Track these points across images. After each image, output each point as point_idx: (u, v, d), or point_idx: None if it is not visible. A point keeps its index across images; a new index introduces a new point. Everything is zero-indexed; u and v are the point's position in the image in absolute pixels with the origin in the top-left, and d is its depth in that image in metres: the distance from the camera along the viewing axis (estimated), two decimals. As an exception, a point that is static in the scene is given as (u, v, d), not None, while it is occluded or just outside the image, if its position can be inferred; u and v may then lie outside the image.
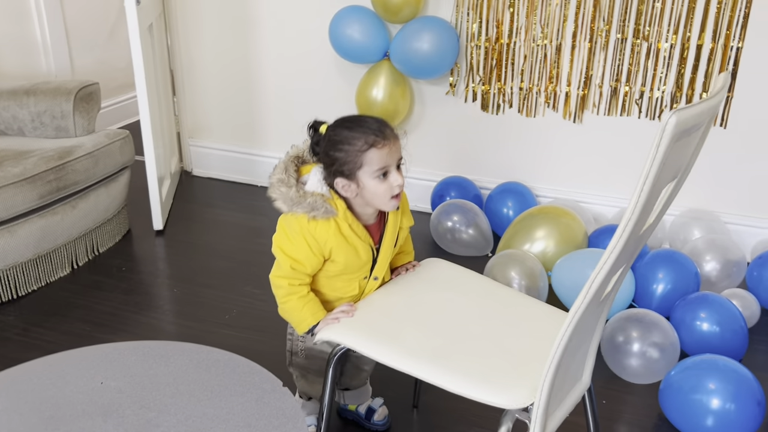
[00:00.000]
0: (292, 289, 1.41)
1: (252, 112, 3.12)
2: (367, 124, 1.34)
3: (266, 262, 2.56)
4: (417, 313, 1.42)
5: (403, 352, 1.28)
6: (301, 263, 1.39)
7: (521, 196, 2.68)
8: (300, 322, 1.43)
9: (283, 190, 1.36)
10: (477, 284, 1.53)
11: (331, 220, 1.36)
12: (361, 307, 1.43)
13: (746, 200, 2.57)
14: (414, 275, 1.57)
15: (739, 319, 1.98)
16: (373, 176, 1.33)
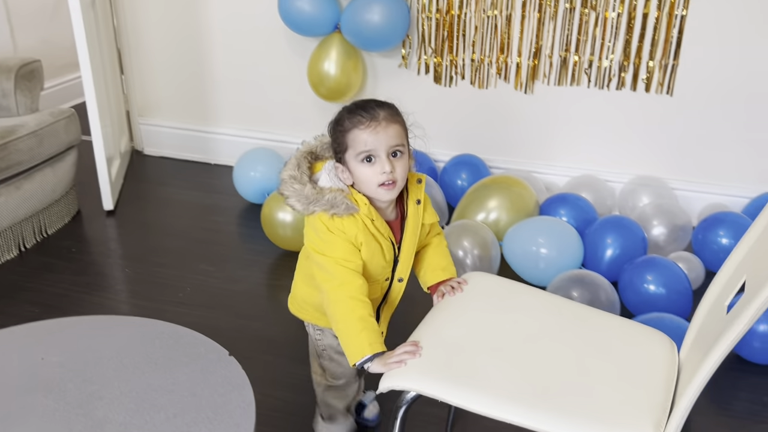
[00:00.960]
0: (351, 305, 1.23)
1: (203, 88, 3.07)
2: (361, 103, 1.26)
3: (220, 240, 2.57)
4: (489, 343, 1.24)
5: (496, 397, 1.12)
6: (346, 258, 1.26)
7: (475, 168, 2.69)
8: (355, 349, 1.22)
9: (296, 187, 1.26)
10: (535, 299, 1.39)
11: (354, 216, 1.26)
12: (423, 343, 1.23)
13: (692, 166, 2.62)
14: (464, 296, 1.38)
15: (684, 280, 2.03)
16: (356, 159, 1.24)
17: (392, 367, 1.18)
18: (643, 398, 1.12)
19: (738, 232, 2.22)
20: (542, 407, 1.09)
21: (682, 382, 1.16)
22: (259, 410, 1.72)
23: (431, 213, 1.39)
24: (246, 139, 3.04)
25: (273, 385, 1.84)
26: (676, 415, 1.07)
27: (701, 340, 1.21)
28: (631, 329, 1.32)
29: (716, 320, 1.17)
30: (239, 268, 2.38)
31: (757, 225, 1.19)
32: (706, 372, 1.03)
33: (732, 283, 1.20)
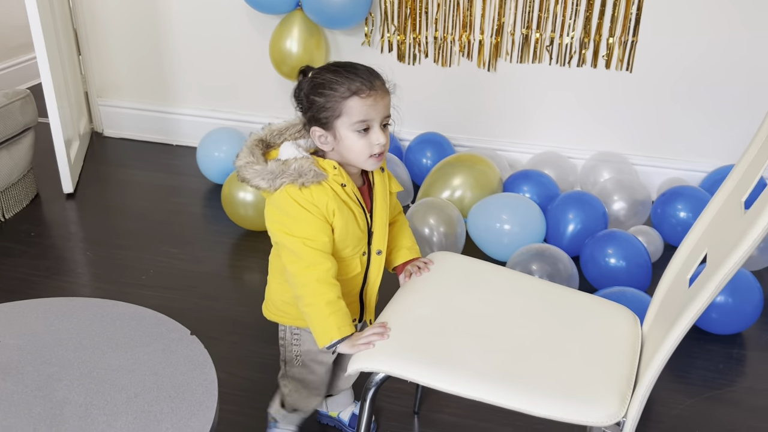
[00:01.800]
0: (319, 288, 1.21)
1: (163, 68, 3.02)
2: (354, 70, 1.21)
3: (183, 221, 2.54)
4: (457, 323, 1.24)
5: (467, 376, 1.12)
6: (313, 238, 1.21)
7: (439, 146, 2.70)
8: (322, 332, 1.22)
9: (257, 168, 1.22)
10: (501, 278, 1.39)
11: (323, 184, 1.21)
12: (391, 324, 1.22)
13: (652, 142, 2.67)
14: (431, 276, 1.38)
15: (644, 253, 2.07)
16: (351, 128, 1.20)
17: (360, 349, 1.18)
18: (608, 373, 1.14)
19: (696, 205, 2.27)
20: (510, 384, 1.11)
21: (646, 355, 1.18)
22: (226, 390, 1.74)
23: (396, 183, 1.38)
24: (208, 119, 3.00)
25: (239, 364, 1.84)
26: (641, 388, 1.09)
27: (664, 314, 1.23)
28: (595, 305, 1.34)
29: (678, 294, 1.19)
30: (203, 249, 2.36)
31: (717, 199, 1.21)
32: (669, 346, 1.05)
33: (693, 257, 1.21)
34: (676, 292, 1.21)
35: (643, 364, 1.17)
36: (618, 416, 1.07)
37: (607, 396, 1.09)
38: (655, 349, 1.09)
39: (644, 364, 1.15)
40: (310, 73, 1.25)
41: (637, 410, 1.09)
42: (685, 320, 1.03)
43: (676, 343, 1.05)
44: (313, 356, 1.42)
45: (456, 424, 1.66)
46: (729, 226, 1.11)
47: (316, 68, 1.25)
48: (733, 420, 1.71)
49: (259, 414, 1.68)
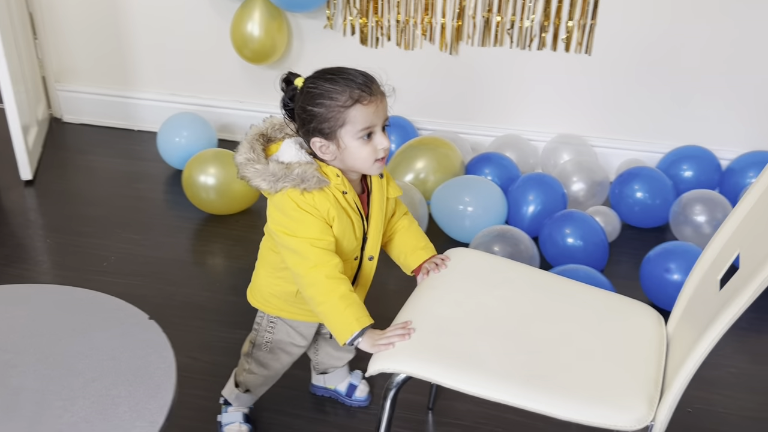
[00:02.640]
0: (330, 285, 1.19)
1: (122, 52, 2.97)
2: (351, 76, 1.19)
3: (144, 207, 2.52)
4: (478, 323, 1.21)
5: (491, 378, 1.10)
6: (319, 237, 1.20)
7: (403, 130, 2.71)
8: (342, 328, 1.19)
9: (258, 167, 1.20)
10: (523, 275, 1.37)
11: (324, 189, 1.21)
12: (411, 323, 1.20)
13: (611, 124, 2.71)
14: (448, 273, 1.35)
15: (600, 233, 2.12)
16: (356, 137, 1.18)
17: (381, 349, 1.17)
18: (635, 375, 1.12)
19: (652, 185, 2.33)
20: (535, 387, 1.08)
21: (674, 357, 1.16)
22: (190, 374, 1.75)
23: (395, 187, 1.35)
24: (169, 103, 2.97)
25: (203, 349, 1.84)
26: (671, 393, 1.07)
27: (692, 315, 1.21)
28: (618, 303, 1.32)
29: (708, 295, 1.16)
30: (165, 234, 2.35)
31: (748, 197, 1.17)
32: (702, 351, 1.02)
33: (724, 257, 1.18)
34: (706, 294, 1.19)
35: (671, 366, 1.15)
36: (646, 420, 1.06)
37: (634, 399, 1.07)
38: (685, 353, 1.07)
39: (673, 367, 1.13)
40: (301, 82, 1.22)
41: (666, 415, 1.07)
42: (718, 326, 1.00)
43: (709, 348, 1.02)
44: (283, 346, 1.44)
45: (471, 412, 1.69)
46: (763, 228, 1.07)
47: (308, 77, 1.22)
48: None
49: (222, 397, 1.69)
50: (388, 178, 1.34)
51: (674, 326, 1.27)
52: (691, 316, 1.21)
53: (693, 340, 1.06)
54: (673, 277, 1.92)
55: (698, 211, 2.21)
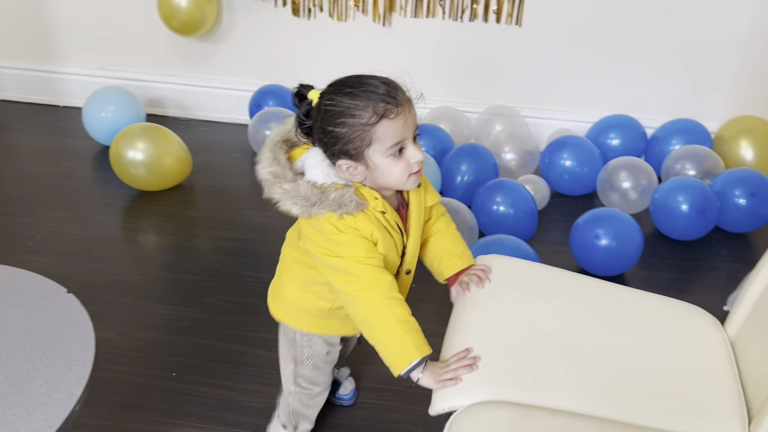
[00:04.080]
0: (388, 306, 1.08)
1: (45, 25, 2.85)
2: (372, 87, 1.05)
3: (72, 185, 2.45)
4: (541, 342, 1.13)
5: (573, 403, 1.03)
6: (368, 256, 1.09)
7: (337, 102, 2.70)
8: (399, 354, 1.08)
9: (286, 187, 1.07)
10: (565, 282, 1.30)
11: (365, 211, 1.09)
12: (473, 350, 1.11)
13: (541, 94, 2.76)
14: (489, 286, 1.25)
15: (530, 201, 2.16)
16: (386, 154, 1.06)
17: (447, 384, 1.06)
18: (715, 388, 1.07)
19: (580, 154, 2.38)
20: (616, 409, 1.02)
21: (756, 368, 1.11)
22: (121, 351, 1.72)
23: (433, 193, 1.24)
24: (95, 78, 2.87)
25: (133, 326, 1.82)
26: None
27: (765, 319, 1.15)
28: (669, 307, 1.27)
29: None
30: (93, 212, 2.29)
31: None
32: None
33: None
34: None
35: (753, 377, 1.10)
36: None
37: (724, 416, 1.03)
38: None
39: (757, 379, 1.08)
40: (317, 96, 1.10)
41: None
42: None
43: None
44: (324, 357, 1.32)
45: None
46: None
47: (324, 91, 1.09)
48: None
49: (154, 373, 1.67)
50: (425, 185, 1.22)
51: (737, 330, 1.21)
52: (765, 323, 1.14)
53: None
54: (601, 243, 1.98)
55: (624, 178, 2.28)
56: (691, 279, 2.13)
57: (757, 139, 2.48)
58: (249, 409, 1.59)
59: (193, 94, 2.90)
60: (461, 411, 1.00)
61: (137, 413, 1.57)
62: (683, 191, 2.16)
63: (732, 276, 2.11)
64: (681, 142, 2.50)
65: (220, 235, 2.20)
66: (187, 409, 1.58)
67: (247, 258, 2.08)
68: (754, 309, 1.19)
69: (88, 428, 1.52)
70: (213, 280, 1.99)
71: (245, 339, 1.77)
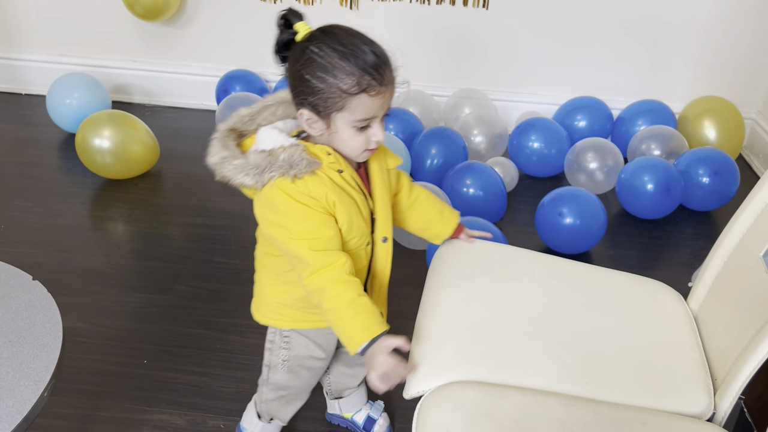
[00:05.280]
0: (336, 290, 1.04)
1: (4, 11, 2.79)
2: (364, 54, 1.01)
3: (37, 174, 2.41)
4: (513, 324, 1.14)
5: (545, 382, 1.04)
6: (317, 237, 1.05)
7: (306, 87, 2.68)
8: (348, 338, 1.05)
9: (236, 162, 1.04)
10: (536, 263, 1.31)
11: (317, 173, 1.05)
12: (444, 330, 1.11)
13: (509, 77, 2.78)
14: (459, 268, 1.25)
15: (499, 183, 2.18)
16: (350, 125, 1.04)
17: (387, 386, 1.02)
18: (683, 361, 1.10)
19: (547, 136, 2.41)
20: (602, 382, 1.04)
21: (719, 340, 1.14)
22: (90, 340, 1.70)
23: (392, 156, 1.20)
24: (59, 65, 2.82)
25: (102, 314, 1.80)
26: (735, 382, 1.02)
27: (726, 295, 1.18)
28: (634, 284, 1.29)
29: (749, 275, 1.11)
30: (59, 201, 2.25)
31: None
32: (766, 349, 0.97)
33: (762, 228, 1.13)
34: (746, 273, 1.13)
35: (717, 349, 1.13)
36: (710, 410, 1.03)
37: (691, 388, 1.05)
38: (742, 337, 1.04)
39: (721, 351, 1.11)
40: (305, 31, 1.04)
41: (729, 404, 1.03)
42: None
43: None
44: (302, 361, 1.27)
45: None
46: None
47: (316, 35, 1.03)
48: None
49: (125, 361, 1.66)
50: (383, 149, 1.19)
51: (699, 304, 1.24)
52: (727, 296, 1.18)
53: (746, 323, 1.03)
54: (565, 221, 2.01)
55: (590, 159, 2.31)
56: (657, 256, 2.17)
57: (720, 118, 2.53)
58: (221, 394, 1.59)
59: (159, 80, 2.86)
60: (431, 392, 1.00)
61: (108, 401, 1.56)
62: (648, 171, 2.20)
63: (696, 253, 2.15)
64: (646, 123, 2.54)
65: (189, 222, 2.18)
66: (158, 395, 1.57)
67: (216, 244, 2.07)
68: (714, 283, 1.22)
69: (59, 417, 1.50)
70: (183, 266, 1.98)
71: (216, 325, 1.77)
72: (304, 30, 1.05)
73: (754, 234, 1.15)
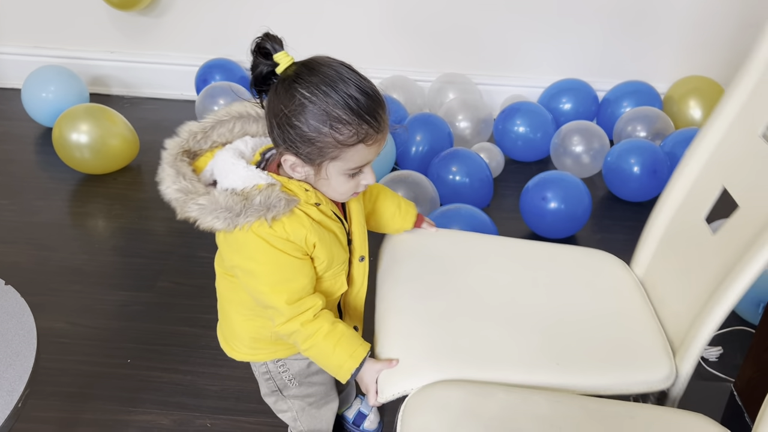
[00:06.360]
0: (309, 329, 1.00)
1: (-26, 3, 2.72)
2: (359, 100, 0.91)
3: (12, 170, 2.36)
4: (476, 312, 1.12)
5: (515, 369, 1.03)
6: (295, 287, 0.99)
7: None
8: (337, 369, 1.03)
9: (202, 202, 0.94)
10: (487, 246, 1.29)
11: (295, 211, 0.97)
12: (409, 325, 1.09)
13: (493, 61, 2.74)
14: (409, 259, 1.22)
15: (485, 169, 2.16)
16: (343, 173, 0.96)
17: (381, 370, 1.03)
18: (640, 329, 1.10)
19: (532, 120, 2.38)
20: (562, 366, 1.03)
21: (670, 305, 1.14)
22: (71, 340, 1.67)
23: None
24: (33, 57, 2.76)
25: (83, 314, 1.77)
26: (695, 344, 1.03)
27: (672, 260, 1.18)
28: (580, 256, 1.29)
29: (694, 237, 1.12)
30: (37, 198, 2.21)
31: (713, 128, 1.11)
32: (731, 301, 0.97)
33: (701, 194, 1.13)
34: (690, 235, 1.14)
35: (667, 313, 1.14)
36: (673, 375, 1.04)
37: (654, 355, 1.06)
38: (694, 301, 1.05)
39: (673, 314, 1.12)
40: (289, 65, 0.94)
41: (690, 366, 1.05)
42: (749, 272, 0.94)
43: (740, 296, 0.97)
44: (308, 373, 1.21)
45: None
46: (750, 163, 1.03)
47: (302, 72, 0.93)
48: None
49: (108, 361, 1.63)
50: None
51: (644, 270, 1.25)
52: (672, 260, 1.18)
53: (696, 286, 1.04)
54: (549, 206, 1.99)
55: (576, 142, 2.28)
56: (644, 240, 2.16)
57: (705, 98, 2.51)
58: (207, 392, 1.56)
59: (136, 70, 2.81)
60: (413, 394, 0.98)
61: (91, 403, 1.53)
62: (635, 153, 2.18)
63: (683, 235, 2.14)
64: (632, 104, 2.51)
65: (171, 217, 2.09)
66: (143, 395, 1.55)
67: (199, 239, 2.04)
68: (658, 248, 1.22)
69: (40, 421, 1.48)
70: (165, 262, 1.95)
71: (200, 321, 1.74)
72: (286, 61, 0.95)
73: (695, 197, 1.14)
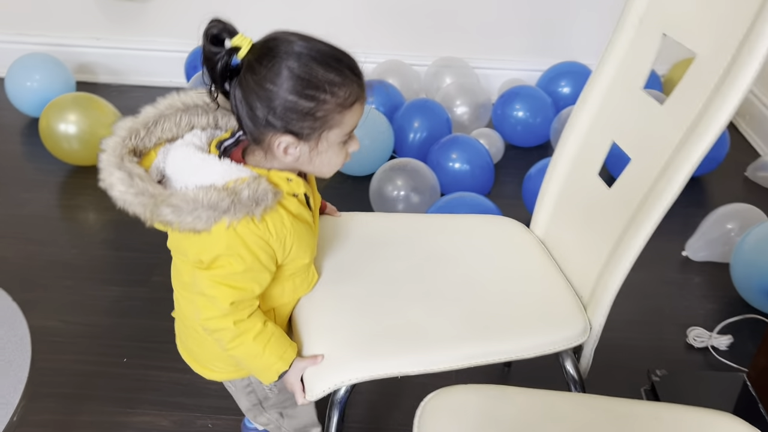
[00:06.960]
0: (240, 328, 0.94)
1: (-46, -12, 2.63)
2: (341, 60, 0.88)
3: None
4: (395, 292, 1.08)
5: (445, 348, 1.00)
6: (248, 295, 0.93)
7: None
8: (264, 370, 0.98)
9: (176, 202, 0.84)
10: (394, 224, 1.27)
11: (278, 208, 0.91)
12: (330, 315, 1.03)
13: (489, 44, 2.69)
14: (322, 246, 1.15)
15: (486, 155, 2.11)
16: (339, 140, 0.91)
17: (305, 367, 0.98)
18: (551, 289, 1.12)
19: (532, 104, 2.33)
20: (486, 337, 1.02)
21: (573, 259, 1.16)
22: (63, 338, 1.62)
23: None
24: (17, 44, 2.67)
25: (76, 310, 1.71)
26: (606, 295, 1.04)
27: (573, 216, 1.19)
28: (484, 224, 1.29)
29: (591, 193, 1.13)
30: (24, 190, 2.14)
31: (597, 86, 1.13)
32: (634, 251, 0.99)
33: (591, 150, 1.14)
34: (585, 192, 1.15)
35: (573, 268, 1.15)
36: (588, 328, 1.06)
37: (570, 310, 1.08)
38: (599, 254, 1.06)
39: (578, 268, 1.13)
40: (247, 46, 0.87)
41: (602, 318, 1.06)
42: (649, 223, 0.97)
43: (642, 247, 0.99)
44: None
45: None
46: (635, 116, 1.05)
47: (271, 48, 0.86)
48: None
49: (103, 360, 1.58)
50: None
51: (544, 231, 1.26)
52: (570, 217, 1.20)
53: (599, 240, 1.06)
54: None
55: (577, 127, 2.24)
56: (648, 226, 2.13)
57: (707, 81, 2.47)
58: (207, 391, 1.52)
59: (124, 57, 2.73)
60: (430, 399, 0.91)
61: (88, 404, 1.48)
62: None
63: (688, 220, 2.11)
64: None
65: None
66: (141, 396, 1.50)
67: (194, 231, 1.98)
68: (555, 207, 1.24)
69: (35, 425, 1.43)
70: (160, 256, 1.88)
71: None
72: (247, 43, 0.87)
73: (586, 155, 1.16)
